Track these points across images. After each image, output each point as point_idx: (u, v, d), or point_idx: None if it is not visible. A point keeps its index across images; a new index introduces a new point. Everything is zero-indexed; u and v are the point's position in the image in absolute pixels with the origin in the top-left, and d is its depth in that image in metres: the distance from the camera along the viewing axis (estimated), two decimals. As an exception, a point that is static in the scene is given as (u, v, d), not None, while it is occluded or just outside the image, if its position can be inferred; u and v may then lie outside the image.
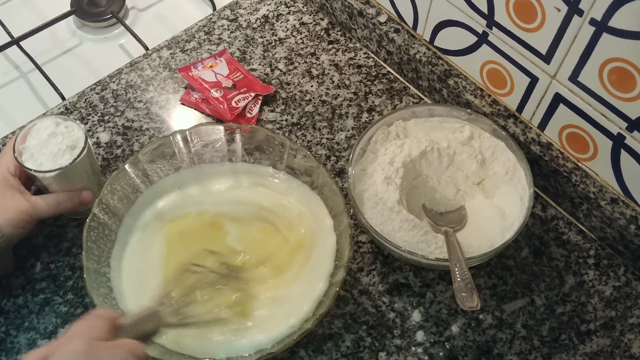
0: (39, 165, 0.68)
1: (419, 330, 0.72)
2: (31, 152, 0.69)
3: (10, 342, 0.69)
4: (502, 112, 0.82)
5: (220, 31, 0.96)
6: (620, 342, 0.72)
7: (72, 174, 0.70)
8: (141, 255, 0.72)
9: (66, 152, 0.69)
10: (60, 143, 0.69)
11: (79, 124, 0.71)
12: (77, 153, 0.69)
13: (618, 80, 0.66)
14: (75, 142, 0.70)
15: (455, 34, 0.81)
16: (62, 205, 0.70)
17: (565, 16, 0.66)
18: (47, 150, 0.69)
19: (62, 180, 0.70)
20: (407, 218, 0.72)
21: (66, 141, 0.69)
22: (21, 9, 1.02)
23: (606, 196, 0.75)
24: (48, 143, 0.69)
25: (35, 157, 0.69)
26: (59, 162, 0.68)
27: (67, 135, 0.70)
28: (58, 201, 0.70)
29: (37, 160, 0.68)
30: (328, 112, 0.88)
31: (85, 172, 0.72)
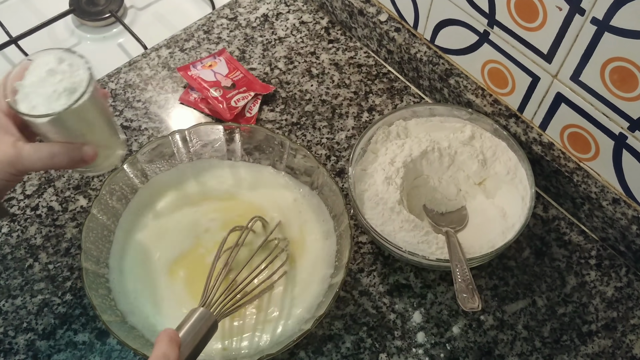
0: (31, 108, 0.56)
1: (420, 331, 0.72)
2: (26, 91, 0.56)
3: (9, 342, 0.69)
4: (504, 112, 0.81)
5: (219, 30, 0.95)
6: (622, 343, 0.72)
7: (69, 124, 0.57)
8: (142, 255, 0.71)
9: (62, 95, 0.56)
10: (57, 84, 0.56)
11: (86, 62, 0.57)
12: (75, 98, 0.55)
13: (620, 79, 0.65)
14: (77, 84, 0.56)
15: (456, 33, 0.81)
16: (56, 159, 0.57)
17: (566, 15, 0.66)
18: (43, 90, 0.56)
19: (57, 130, 0.57)
20: (408, 218, 0.71)
21: (65, 82, 0.56)
22: (19, 8, 1.02)
23: (608, 196, 0.75)
24: (45, 82, 0.56)
25: (30, 98, 0.56)
26: (53, 107, 0.55)
27: (69, 75, 0.57)
28: (52, 152, 0.57)
29: (31, 102, 0.56)
30: (328, 112, 0.87)
31: (87, 122, 0.59)
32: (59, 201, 0.79)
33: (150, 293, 0.70)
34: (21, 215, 0.77)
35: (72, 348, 0.69)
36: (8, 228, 0.76)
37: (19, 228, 0.76)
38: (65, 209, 0.78)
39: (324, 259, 0.71)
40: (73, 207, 0.78)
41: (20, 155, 0.56)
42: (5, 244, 0.75)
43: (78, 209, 0.78)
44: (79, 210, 0.78)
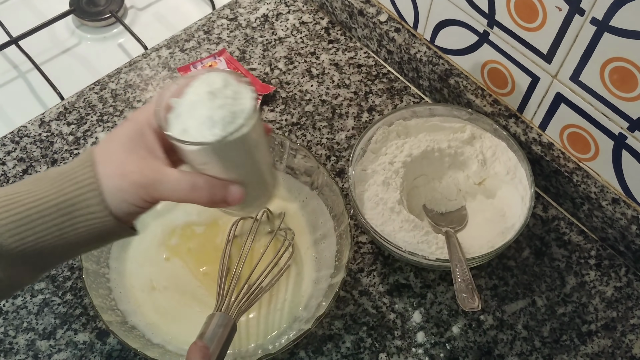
0: (182, 131, 0.48)
1: (420, 331, 0.72)
2: (181, 110, 0.49)
3: (9, 342, 0.69)
4: (503, 112, 0.82)
5: (219, 30, 0.95)
6: (622, 343, 0.72)
7: (219, 157, 0.49)
8: (143, 255, 0.71)
9: (218, 123, 0.48)
10: (215, 109, 0.48)
11: (253, 92, 0.49)
12: (231, 130, 0.47)
13: (619, 80, 0.66)
14: (237, 115, 0.48)
15: (456, 33, 0.81)
16: (196, 194, 0.49)
17: (566, 15, 0.66)
18: (198, 113, 0.48)
19: (205, 161, 0.50)
20: (408, 218, 0.71)
21: (225, 110, 0.48)
22: (20, 8, 1.02)
23: (607, 196, 0.75)
24: (203, 104, 0.48)
25: (183, 119, 0.49)
26: (204, 135, 0.47)
27: (231, 102, 0.49)
28: (193, 185, 0.49)
29: (184, 124, 0.48)
30: (328, 112, 0.88)
31: (240, 159, 0.51)
32: (60, 201, 0.79)
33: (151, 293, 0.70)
34: (21, 215, 0.77)
35: (72, 348, 0.69)
36: (8, 228, 0.76)
37: (19, 228, 0.76)
38: (66, 209, 0.78)
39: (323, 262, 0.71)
40: (73, 207, 0.78)
41: (159, 180, 0.48)
42: (5, 244, 0.75)
43: (78, 209, 0.78)
44: (79, 210, 0.78)
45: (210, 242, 0.73)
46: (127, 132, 0.49)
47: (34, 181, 0.49)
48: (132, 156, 0.48)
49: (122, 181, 0.48)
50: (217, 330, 0.59)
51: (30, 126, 0.85)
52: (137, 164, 0.48)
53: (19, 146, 0.83)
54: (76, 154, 0.83)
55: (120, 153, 0.49)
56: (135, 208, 0.49)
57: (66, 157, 0.83)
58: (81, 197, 0.48)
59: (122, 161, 0.48)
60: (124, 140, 0.49)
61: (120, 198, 0.48)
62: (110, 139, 0.50)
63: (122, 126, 0.50)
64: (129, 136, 0.49)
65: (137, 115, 0.50)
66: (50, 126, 0.85)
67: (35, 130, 0.85)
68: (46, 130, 0.85)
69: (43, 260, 0.49)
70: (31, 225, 0.47)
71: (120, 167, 0.48)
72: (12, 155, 0.83)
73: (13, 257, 0.47)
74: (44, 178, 0.49)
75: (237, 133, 0.47)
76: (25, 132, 0.85)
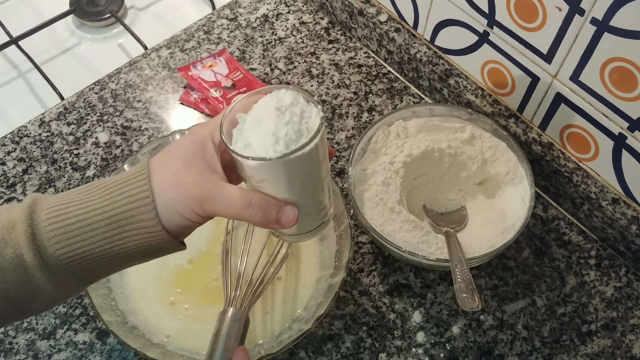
0: (244, 146, 0.47)
1: (420, 331, 0.72)
2: (246, 126, 0.48)
3: (9, 342, 0.69)
4: (503, 112, 0.82)
5: (219, 30, 0.95)
6: (622, 343, 0.72)
7: (278, 175, 0.48)
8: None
9: (282, 140, 0.46)
10: (281, 126, 0.47)
11: (321, 111, 0.48)
12: (295, 147, 0.46)
13: (619, 80, 0.66)
14: (303, 132, 0.47)
15: (456, 33, 0.81)
16: (250, 211, 0.48)
17: (566, 15, 0.66)
18: (263, 128, 0.47)
19: (262, 178, 0.49)
20: (408, 218, 0.71)
21: (290, 127, 0.47)
22: (20, 8, 1.02)
23: (607, 196, 0.75)
24: (268, 119, 0.47)
25: (247, 134, 0.48)
26: (266, 150, 0.46)
27: (298, 120, 0.48)
28: (247, 201, 0.48)
29: (247, 139, 0.47)
30: (328, 112, 0.88)
31: (299, 180, 0.49)
32: (60, 201, 0.79)
33: (151, 292, 0.70)
34: (21, 215, 0.77)
35: (72, 348, 0.69)
36: (8, 228, 0.76)
37: (19, 228, 0.76)
38: (66, 209, 0.78)
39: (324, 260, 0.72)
40: (73, 207, 0.78)
41: (214, 195, 0.48)
42: (5, 244, 0.75)
43: (78, 209, 0.78)
44: (79, 210, 0.78)
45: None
46: (188, 144, 0.49)
47: (87, 191, 0.48)
48: (189, 169, 0.48)
49: (177, 192, 0.47)
50: (232, 325, 0.60)
51: (30, 126, 0.85)
52: (194, 177, 0.47)
53: (19, 146, 0.83)
54: (76, 154, 0.83)
55: (178, 164, 0.48)
56: (187, 221, 0.48)
57: (66, 157, 0.83)
58: (134, 211, 0.47)
59: (178, 172, 0.48)
60: (184, 152, 0.48)
61: (172, 210, 0.47)
62: (169, 149, 0.50)
63: (184, 138, 0.50)
64: (189, 148, 0.48)
65: (199, 129, 0.50)
66: (50, 126, 0.85)
67: (35, 130, 0.85)
68: (46, 130, 0.85)
69: (89, 272, 0.48)
70: (81, 238, 0.46)
71: (176, 178, 0.47)
72: (12, 155, 0.83)
73: (60, 268, 0.46)
74: (97, 188, 0.48)
75: (300, 152, 0.46)
76: (25, 132, 0.85)
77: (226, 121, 0.49)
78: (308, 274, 0.71)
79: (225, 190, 0.48)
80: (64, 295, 0.49)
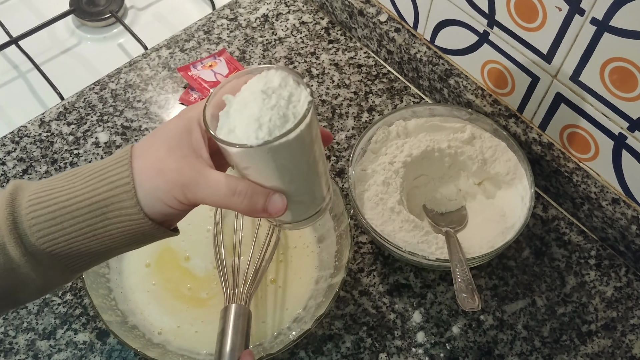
0: (228, 131, 0.45)
1: (420, 331, 0.72)
2: (232, 109, 0.46)
3: (9, 342, 0.69)
4: (503, 112, 0.82)
5: (219, 30, 0.95)
6: (622, 343, 0.72)
7: (264, 163, 0.45)
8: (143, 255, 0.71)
9: (265, 126, 0.44)
10: (266, 110, 0.44)
11: (309, 95, 0.45)
12: (278, 134, 0.44)
13: (619, 80, 0.65)
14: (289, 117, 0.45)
15: (456, 33, 0.81)
16: (235, 199, 0.46)
17: (566, 15, 0.66)
18: (247, 112, 0.45)
19: (248, 165, 0.46)
20: (408, 218, 0.71)
21: (276, 112, 0.44)
22: (20, 8, 1.02)
23: (607, 196, 0.75)
24: (254, 103, 0.45)
25: (232, 119, 0.45)
26: (249, 136, 0.44)
27: (285, 104, 0.45)
28: (233, 189, 0.46)
29: (231, 123, 0.45)
30: (328, 112, 0.88)
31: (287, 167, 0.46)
32: (60, 201, 0.79)
33: (151, 293, 0.70)
34: (22, 215, 0.77)
35: (72, 348, 0.69)
36: (8, 228, 0.76)
37: (19, 228, 0.76)
38: (66, 209, 0.78)
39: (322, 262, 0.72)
40: (73, 207, 0.78)
41: (197, 182, 0.45)
42: (5, 244, 0.75)
43: (78, 209, 0.78)
44: (79, 210, 0.78)
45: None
46: (174, 128, 0.47)
47: (70, 177, 0.46)
48: (174, 154, 0.45)
49: (158, 178, 0.45)
50: (237, 322, 0.60)
51: (30, 126, 0.85)
52: (177, 163, 0.45)
53: (19, 146, 0.83)
54: (76, 154, 0.83)
55: (162, 149, 0.46)
56: (170, 209, 0.46)
57: (66, 157, 0.83)
58: (114, 197, 0.45)
59: (161, 158, 0.46)
60: (169, 136, 0.46)
61: (154, 196, 0.45)
62: (154, 133, 0.48)
63: (171, 122, 0.48)
64: (175, 132, 0.46)
65: (187, 112, 0.47)
66: (50, 126, 0.85)
67: (35, 130, 0.85)
68: (46, 130, 0.85)
69: (76, 261, 0.47)
70: (62, 226, 0.45)
71: (158, 164, 0.45)
72: (12, 155, 0.83)
73: (44, 257, 0.45)
74: (80, 174, 0.46)
75: (284, 139, 0.43)
76: (25, 132, 0.85)
77: (212, 104, 0.46)
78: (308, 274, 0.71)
79: (210, 178, 0.45)
80: (52, 284, 0.47)
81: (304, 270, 0.72)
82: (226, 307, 0.62)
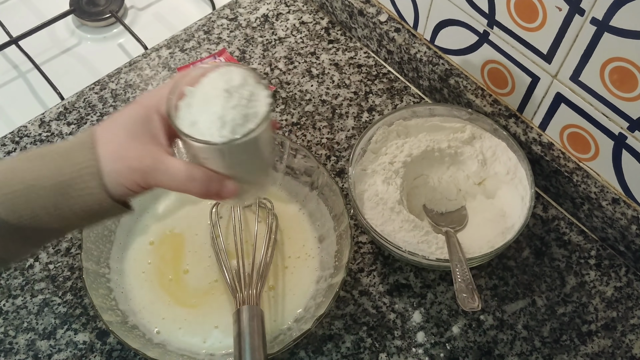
0: (191, 123, 0.48)
1: (420, 331, 0.72)
2: (194, 101, 0.49)
3: (9, 342, 0.69)
4: (503, 112, 0.82)
5: (219, 30, 0.95)
6: (622, 343, 0.72)
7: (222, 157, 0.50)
8: (143, 255, 0.72)
9: (228, 124, 0.48)
10: (228, 109, 0.48)
11: (269, 97, 0.49)
12: (240, 134, 0.48)
13: (619, 80, 0.65)
14: (249, 119, 0.48)
15: (456, 33, 0.81)
16: (192, 185, 0.50)
17: (566, 15, 0.66)
18: (210, 109, 0.48)
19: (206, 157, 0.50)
20: (408, 218, 0.71)
21: (237, 111, 0.48)
22: (20, 8, 1.02)
23: (607, 196, 0.75)
24: (216, 100, 0.48)
25: (194, 111, 0.48)
26: (212, 133, 0.48)
27: (245, 104, 0.48)
28: (191, 176, 0.50)
29: (193, 116, 0.48)
30: (328, 112, 0.88)
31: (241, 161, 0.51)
32: (60, 201, 0.79)
33: (151, 293, 0.70)
34: (22, 215, 0.77)
35: (72, 348, 0.69)
36: (8, 228, 0.76)
37: (19, 228, 0.76)
38: (66, 209, 0.78)
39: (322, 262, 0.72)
40: (73, 207, 0.78)
41: (157, 169, 0.49)
42: (5, 244, 0.75)
43: (78, 209, 0.78)
44: (79, 210, 0.78)
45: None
46: (133, 115, 0.50)
47: (34, 158, 0.50)
48: (134, 141, 0.49)
49: (120, 164, 0.48)
50: (252, 323, 0.60)
51: (30, 126, 0.85)
52: (137, 150, 0.49)
53: (19, 146, 0.83)
54: (76, 154, 0.83)
55: (122, 136, 0.49)
56: (129, 191, 0.50)
57: (66, 157, 0.83)
58: (79, 178, 0.48)
59: (122, 144, 0.49)
60: (129, 123, 0.49)
61: (116, 181, 0.49)
62: (114, 119, 0.51)
63: (129, 108, 0.50)
64: (135, 120, 0.49)
65: (145, 99, 0.50)
66: (50, 126, 0.85)
67: (35, 130, 0.85)
68: (46, 130, 0.85)
69: (39, 235, 0.51)
70: (28, 203, 0.48)
71: (120, 151, 0.49)
72: (12, 155, 0.83)
73: (9, 231, 0.48)
74: (45, 156, 0.50)
75: (245, 138, 0.47)
76: (25, 132, 0.85)
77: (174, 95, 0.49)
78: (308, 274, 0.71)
79: (169, 165, 0.49)
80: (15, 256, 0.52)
81: (305, 270, 0.72)
82: (238, 309, 0.62)
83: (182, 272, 0.71)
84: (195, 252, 0.72)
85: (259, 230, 0.71)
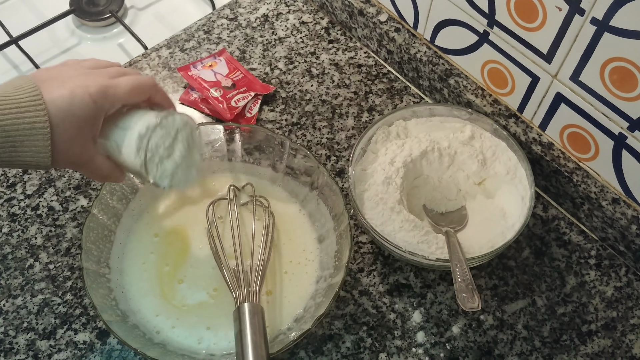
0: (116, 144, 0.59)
1: (420, 331, 0.72)
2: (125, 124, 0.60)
3: (9, 342, 0.69)
4: (503, 112, 0.82)
5: (219, 30, 0.95)
6: (622, 343, 0.72)
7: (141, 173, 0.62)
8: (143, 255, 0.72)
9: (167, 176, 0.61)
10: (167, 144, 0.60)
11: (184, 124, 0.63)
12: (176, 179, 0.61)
13: (619, 79, 0.66)
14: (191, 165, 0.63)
15: (456, 33, 0.81)
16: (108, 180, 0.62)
17: (566, 15, 0.66)
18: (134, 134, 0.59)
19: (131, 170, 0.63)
20: (408, 218, 0.71)
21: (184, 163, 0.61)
22: (20, 8, 1.02)
23: (607, 196, 0.75)
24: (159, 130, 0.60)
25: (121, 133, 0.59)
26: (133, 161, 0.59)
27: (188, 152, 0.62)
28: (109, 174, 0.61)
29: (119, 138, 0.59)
30: (328, 112, 0.88)
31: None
32: (60, 201, 0.79)
33: (151, 292, 0.70)
34: (21, 215, 0.77)
35: (72, 348, 0.69)
36: (9, 228, 0.76)
37: (19, 228, 0.76)
38: (66, 208, 0.78)
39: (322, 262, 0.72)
40: (73, 207, 0.78)
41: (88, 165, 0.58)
42: (5, 244, 0.75)
43: (78, 209, 0.78)
44: (79, 210, 0.78)
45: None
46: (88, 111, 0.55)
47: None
48: (80, 137, 0.55)
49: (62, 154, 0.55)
50: (253, 320, 0.60)
51: (30, 126, 0.85)
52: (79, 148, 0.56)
53: (19, 146, 0.83)
54: (76, 154, 0.83)
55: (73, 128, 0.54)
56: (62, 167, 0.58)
57: (66, 157, 0.83)
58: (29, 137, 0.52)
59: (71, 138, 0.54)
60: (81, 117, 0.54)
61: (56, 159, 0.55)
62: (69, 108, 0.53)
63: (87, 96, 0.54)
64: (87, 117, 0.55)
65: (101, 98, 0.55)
66: (50, 126, 0.85)
67: (35, 130, 0.85)
68: (46, 130, 0.85)
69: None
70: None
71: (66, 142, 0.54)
72: (12, 155, 0.83)
73: None
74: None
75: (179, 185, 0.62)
76: (25, 132, 0.84)
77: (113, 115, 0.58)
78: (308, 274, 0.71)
79: (97, 164, 0.59)
80: None
81: (305, 270, 0.72)
82: (238, 307, 0.62)
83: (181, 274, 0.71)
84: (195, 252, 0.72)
85: (257, 228, 0.71)
